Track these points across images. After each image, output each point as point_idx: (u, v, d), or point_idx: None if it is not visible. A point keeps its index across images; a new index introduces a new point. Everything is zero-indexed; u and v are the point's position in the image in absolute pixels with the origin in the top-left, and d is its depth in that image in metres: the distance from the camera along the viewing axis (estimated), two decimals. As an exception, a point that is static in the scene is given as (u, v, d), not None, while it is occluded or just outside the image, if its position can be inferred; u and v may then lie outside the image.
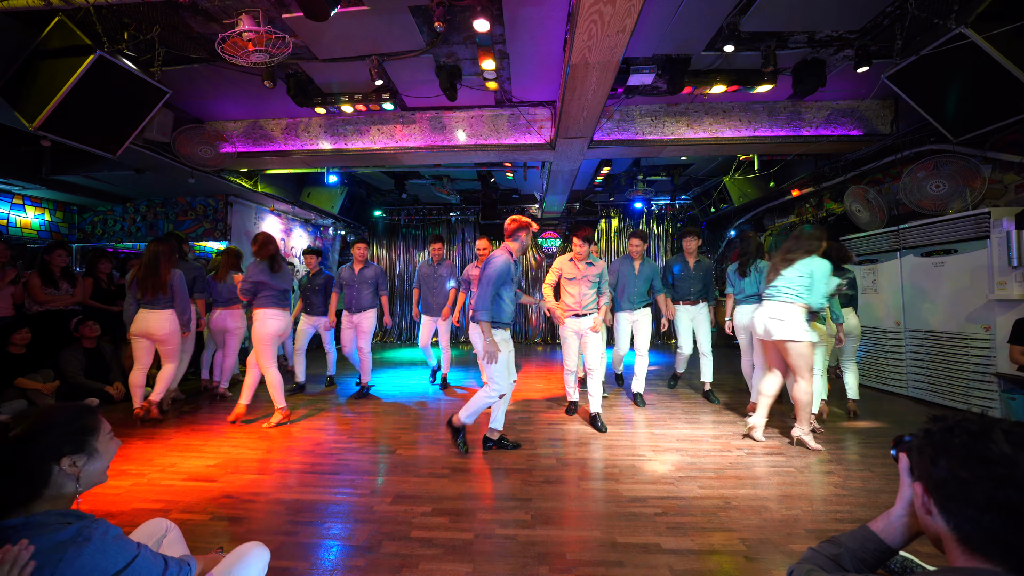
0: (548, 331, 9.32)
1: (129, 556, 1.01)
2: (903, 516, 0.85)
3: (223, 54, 2.87)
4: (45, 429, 1.03)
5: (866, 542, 0.87)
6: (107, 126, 3.41)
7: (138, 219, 6.39)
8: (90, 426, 1.09)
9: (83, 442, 1.06)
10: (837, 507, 2.30)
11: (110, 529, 1.02)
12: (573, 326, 3.70)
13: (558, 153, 4.80)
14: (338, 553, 1.94)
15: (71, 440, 1.05)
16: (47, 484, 1.00)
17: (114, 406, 4.18)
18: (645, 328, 4.24)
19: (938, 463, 0.69)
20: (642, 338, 4.24)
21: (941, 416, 0.74)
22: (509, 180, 7.56)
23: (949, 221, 3.98)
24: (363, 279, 4.65)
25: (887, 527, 0.86)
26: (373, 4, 2.99)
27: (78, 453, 1.05)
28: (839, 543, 0.88)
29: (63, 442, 1.03)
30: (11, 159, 4.73)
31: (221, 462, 2.92)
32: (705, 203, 8.29)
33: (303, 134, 4.90)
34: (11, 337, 3.90)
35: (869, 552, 0.86)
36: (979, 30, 2.84)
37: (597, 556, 1.90)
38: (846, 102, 4.52)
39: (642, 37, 3.39)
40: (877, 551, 0.86)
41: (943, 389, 4.07)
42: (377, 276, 4.71)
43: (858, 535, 0.88)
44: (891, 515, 0.87)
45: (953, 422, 0.71)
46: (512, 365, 3.13)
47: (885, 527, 0.87)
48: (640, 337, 4.25)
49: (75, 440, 1.05)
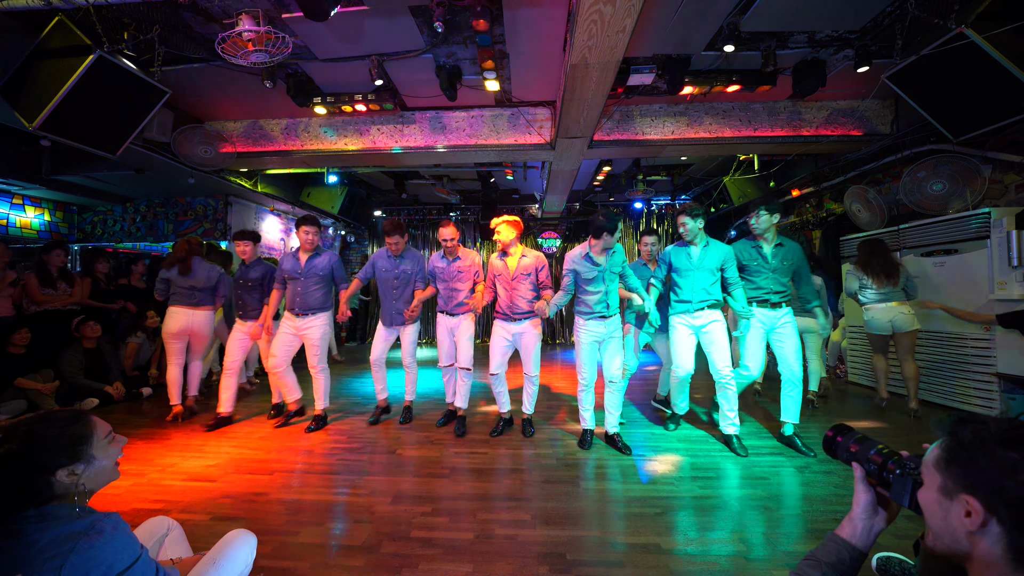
0: (548, 332, 9.34)
1: (134, 555, 1.01)
2: (865, 518, 0.88)
3: (223, 54, 2.87)
4: (36, 444, 1.00)
5: (841, 552, 0.88)
6: (107, 126, 3.41)
7: (138, 219, 6.39)
8: (82, 434, 1.06)
9: (77, 452, 1.04)
10: (837, 507, 2.30)
11: (120, 523, 1.02)
12: (596, 330, 3.05)
13: (558, 153, 4.80)
14: (338, 553, 1.94)
15: (64, 452, 1.02)
16: (51, 494, 1.00)
17: (114, 406, 4.18)
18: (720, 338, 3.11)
19: (1018, 478, 0.63)
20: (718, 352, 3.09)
21: (978, 420, 0.69)
22: (509, 180, 7.56)
23: (949, 221, 3.98)
24: (311, 271, 3.56)
25: (853, 532, 0.88)
26: (373, 4, 2.99)
27: (74, 463, 1.03)
28: (817, 560, 0.89)
29: (56, 456, 1.01)
30: (11, 159, 4.73)
31: (221, 462, 2.92)
32: (705, 203, 8.28)
33: (303, 134, 4.90)
34: (11, 337, 3.90)
35: (846, 563, 0.87)
36: (979, 30, 2.84)
37: (597, 556, 1.90)
38: (846, 102, 4.52)
39: (642, 37, 3.39)
40: (851, 558, 0.87)
41: (943, 389, 4.07)
42: (333, 267, 3.65)
43: (831, 548, 0.89)
44: (855, 519, 0.89)
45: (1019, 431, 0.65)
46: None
47: (851, 532, 0.89)
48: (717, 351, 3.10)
49: (68, 451, 1.03)
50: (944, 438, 0.73)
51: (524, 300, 3.27)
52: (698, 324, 3.10)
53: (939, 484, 0.71)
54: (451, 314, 3.57)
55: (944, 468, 0.71)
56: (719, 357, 3.04)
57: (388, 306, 3.67)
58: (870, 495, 0.89)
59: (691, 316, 3.10)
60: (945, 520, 0.70)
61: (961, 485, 0.68)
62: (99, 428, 1.11)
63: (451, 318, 3.58)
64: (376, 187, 8.32)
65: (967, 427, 0.70)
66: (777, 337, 3.09)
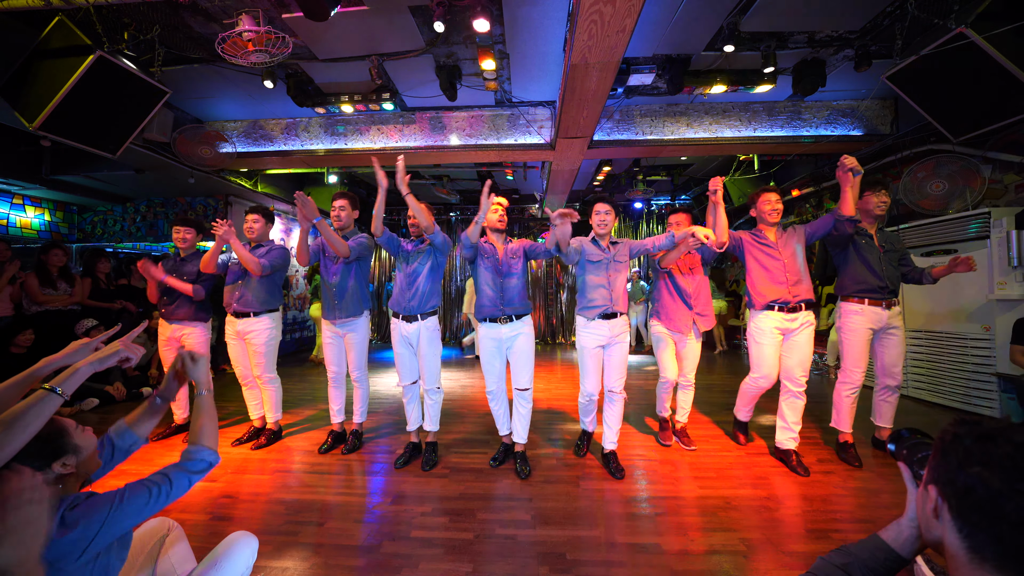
0: (547, 331, 9.33)
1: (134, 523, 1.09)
2: (914, 524, 0.83)
3: (223, 54, 2.87)
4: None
5: (876, 551, 0.84)
6: (107, 126, 3.41)
7: (138, 219, 6.39)
8: (56, 430, 1.09)
9: (60, 446, 1.07)
10: (837, 507, 2.30)
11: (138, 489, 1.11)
12: (599, 333, 2.70)
13: (558, 153, 4.80)
14: (338, 553, 1.94)
15: (49, 450, 1.05)
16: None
17: (115, 406, 4.18)
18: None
19: (968, 470, 0.65)
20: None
21: (971, 420, 0.71)
22: (509, 180, 7.56)
23: (949, 221, 3.98)
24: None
25: (898, 536, 0.84)
26: (373, 4, 2.99)
27: (64, 455, 1.06)
28: (849, 552, 0.86)
29: (43, 453, 1.04)
30: (11, 159, 4.73)
31: (221, 462, 2.92)
32: (705, 203, 8.28)
33: (303, 134, 4.90)
34: (15, 339, 3.90)
35: (880, 562, 0.83)
36: (979, 30, 2.84)
37: (597, 556, 1.90)
38: (846, 102, 4.52)
39: (642, 37, 3.39)
40: (888, 560, 0.83)
41: (943, 389, 4.07)
42: (276, 262, 3.15)
43: (868, 545, 0.86)
44: (901, 523, 0.84)
45: (993, 429, 0.66)
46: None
47: (896, 536, 0.84)
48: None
49: (53, 448, 1.06)
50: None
51: (517, 291, 2.77)
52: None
53: (924, 478, 0.75)
54: (409, 319, 2.83)
55: (930, 462, 0.74)
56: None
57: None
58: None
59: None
60: (923, 511, 0.73)
61: (931, 477, 0.71)
62: (67, 423, 1.13)
63: (409, 324, 2.83)
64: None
65: (960, 426, 0.71)
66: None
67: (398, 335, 2.86)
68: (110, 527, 1.02)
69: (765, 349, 2.78)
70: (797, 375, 2.72)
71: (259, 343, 3.13)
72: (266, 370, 3.19)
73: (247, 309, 3.11)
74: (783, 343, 2.79)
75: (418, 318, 2.81)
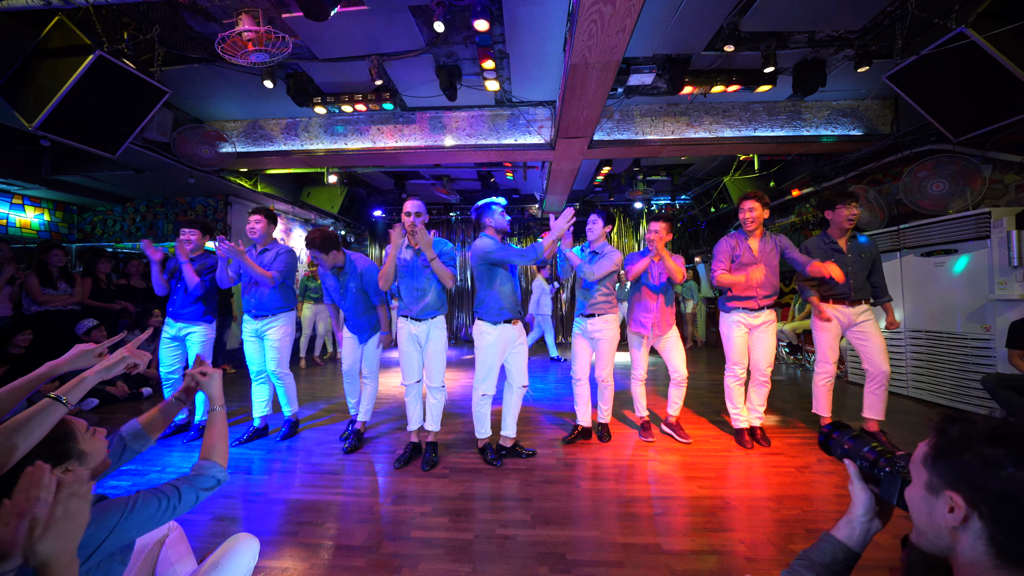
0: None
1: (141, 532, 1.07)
2: (865, 520, 0.86)
3: (223, 54, 2.87)
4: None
5: (835, 553, 0.87)
6: (107, 126, 3.41)
7: (138, 219, 6.39)
8: (63, 433, 1.08)
9: (65, 450, 1.06)
10: (837, 507, 2.30)
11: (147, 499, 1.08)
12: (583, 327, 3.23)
13: (558, 153, 4.80)
14: (338, 553, 1.94)
15: (53, 453, 1.04)
16: None
17: (116, 405, 4.18)
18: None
19: (1000, 474, 0.62)
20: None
21: (961, 417, 0.70)
22: (509, 180, 7.56)
23: (949, 221, 3.98)
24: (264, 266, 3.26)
25: (851, 532, 0.87)
26: (373, 4, 2.99)
27: (68, 460, 1.05)
28: (811, 561, 0.88)
29: (47, 456, 1.02)
30: (11, 159, 4.73)
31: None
32: (705, 203, 8.28)
33: (303, 134, 4.90)
34: (13, 339, 3.90)
35: (840, 564, 0.86)
36: (979, 30, 2.84)
37: (597, 556, 1.90)
38: (846, 102, 4.52)
39: (642, 37, 3.39)
40: (846, 559, 0.86)
41: (943, 389, 4.07)
42: (286, 271, 3.29)
43: (825, 549, 0.88)
44: (853, 520, 0.87)
45: (1006, 427, 0.65)
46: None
47: (849, 533, 0.87)
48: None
49: (57, 452, 1.05)
50: (932, 435, 0.73)
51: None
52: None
53: (925, 480, 0.72)
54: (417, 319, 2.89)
55: (931, 465, 0.71)
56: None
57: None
58: (867, 495, 0.88)
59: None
60: (929, 517, 0.71)
61: (946, 481, 0.68)
62: (76, 426, 1.12)
63: (417, 323, 2.89)
64: (376, 187, 8.31)
65: (955, 424, 0.70)
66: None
67: (406, 334, 2.92)
68: (118, 535, 1.01)
69: (735, 342, 3.18)
70: (763, 367, 3.13)
71: (275, 339, 3.31)
72: (280, 365, 3.35)
73: (264, 312, 3.30)
74: (749, 337, 3.18)
75: (427, 319, 2.91)
